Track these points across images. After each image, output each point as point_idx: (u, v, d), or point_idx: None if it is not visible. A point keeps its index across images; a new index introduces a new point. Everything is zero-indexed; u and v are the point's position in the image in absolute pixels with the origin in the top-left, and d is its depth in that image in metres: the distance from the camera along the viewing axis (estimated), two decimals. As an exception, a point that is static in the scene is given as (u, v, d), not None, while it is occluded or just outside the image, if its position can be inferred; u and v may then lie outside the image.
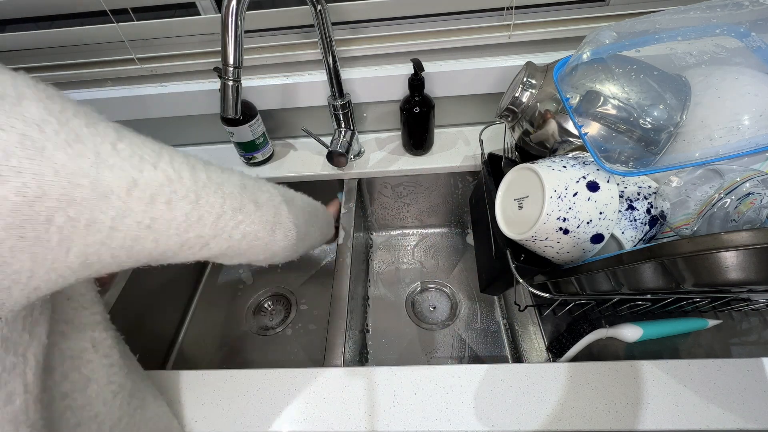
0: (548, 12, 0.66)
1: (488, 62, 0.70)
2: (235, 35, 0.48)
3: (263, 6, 0.65)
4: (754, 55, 0.41)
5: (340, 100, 0.69)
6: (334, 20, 0.65)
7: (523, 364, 0.48)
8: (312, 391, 0.48)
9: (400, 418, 0.45)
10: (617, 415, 0.43)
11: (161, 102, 0.76)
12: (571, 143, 0.50)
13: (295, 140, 0.84)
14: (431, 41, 0.68)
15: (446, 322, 0.76)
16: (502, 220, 0.48)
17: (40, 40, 0.69)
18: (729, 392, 0.44)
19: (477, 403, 0.45)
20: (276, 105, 0.76)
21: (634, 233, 0.43)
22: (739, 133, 0.38)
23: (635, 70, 0.44)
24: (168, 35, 0.70)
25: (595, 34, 0.46)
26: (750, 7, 0.42)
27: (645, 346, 0.51)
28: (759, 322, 0.53)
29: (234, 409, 0.47)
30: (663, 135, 0.42)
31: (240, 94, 0.52)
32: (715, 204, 0.37)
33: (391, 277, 0.84)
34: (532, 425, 0.43)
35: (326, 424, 0.45)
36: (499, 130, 0.70)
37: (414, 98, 0.68)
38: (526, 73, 0.54)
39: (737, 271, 0.30)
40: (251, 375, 0.50)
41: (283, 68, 0.73)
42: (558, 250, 0.43)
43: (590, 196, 0.40)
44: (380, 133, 0.83)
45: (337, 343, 0.54)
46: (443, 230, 0.90)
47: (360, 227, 0.80)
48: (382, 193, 0.82)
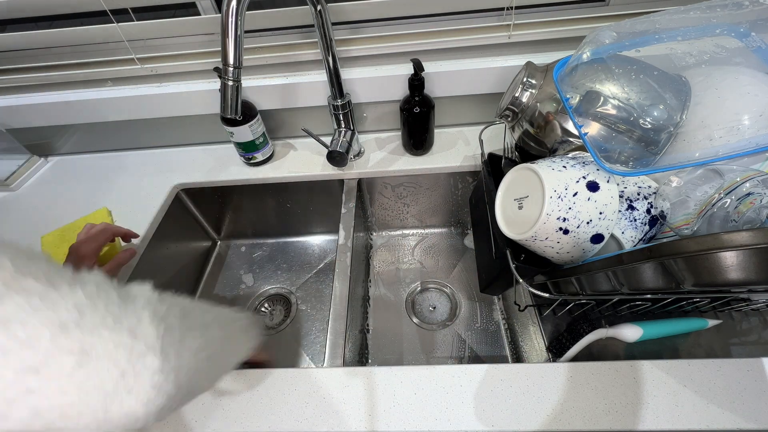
0: (548, 12, 0.66)
1: (488, 62, 0.70)
2: (235, 35, 0.48)
3: (263, 6, 0.65)
4: (754, 55, 0.41)
5: (340, 100, 0.69)
6: (334, 20, 0.65)
7: (523, 364, 0.48)
8: (312, 391, 0.48)
9: (400, 418, 0.45)
10: (617, 415, 0.43)
11: (161, 102, 0.76)
12: (571, 143, 0.50)
13: (295, 140, 0.84)
14: (431, 41, 0.68)
15: (446, 322, 0.76)
16: (502, 220, 0.48)
17: (40, 40, 0.69)
18: (729, 392, 0.44)
19: (477, 403, 0.45)
20: (276, 105, 0.76)
21: (634, 233, 0.43)
22: (739, 133, 0.38)
23: (635, 70, 0.44)
24: (168, 35, 0.70)
25: (595, 34, 0.46)
26: (750, 7, 0.42)
27: (645, 346, 0.51)
28: (759, 322, 0.52)
29: (234, 409, 0.47)
30: (663, 135, 0.42)
31: (240, 94, 0.52)
32: (715, 204, 0.37)
33: (391, 277, 0.84)
34: (532, 425, 0.43)
35: (326, 424, 0.45)
36: (499, 130, 0.70)
37: (414, 98, 0.68)
38: (526, 73, 0.54)
39: (737, 271, 0.30)
40: (251, 375, 0.50)
41: (283, 68, 0.73)
42: (558, 250, 0.43)
43: (590, 196, 0.40)
44: (380, 133, 0.83)
45: (337, 343, 0.54)
46: (443, 230, 0.90)
47: (360, 227, 0.80)
48: (382, 193, 0.82)
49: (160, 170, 0.81)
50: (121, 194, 0.77)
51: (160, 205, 0.74)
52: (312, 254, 0.90)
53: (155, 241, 0.72)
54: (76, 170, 0.85)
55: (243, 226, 0.91)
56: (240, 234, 0.94)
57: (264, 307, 0.82)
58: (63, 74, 0.74)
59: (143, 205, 0.74)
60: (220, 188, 0.81)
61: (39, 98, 0.77)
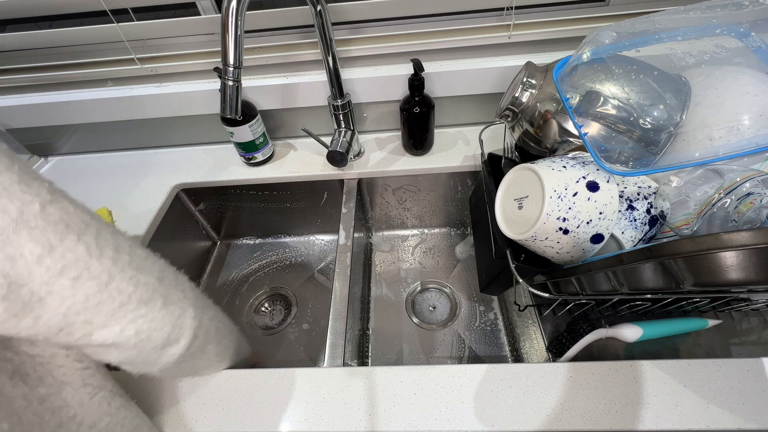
0: (548, 12, 0.66)
1: (488, 62, 0.70)
2: (235, 35, 0.48)
3: (263, 6, 0.65)
4: (754, 55, 0.41)
5: (340, 100, 0.69)
6: (334, 20, 0.65)
7: (523, 364, 0.48)
8: (312, 391, 0.48)
9: (400, 418, 0.45)
10: (617, 415, 0.43)
11: (161, 102, 0.76)
12: (571, 143, 0.50)
13: (295, 140, 0.84)
14: (431, 41, 0.68)
15: (446, 322, 0.76)
16: (502, 220, 0.48)
17: (40, 40, 0.69)
18: (729, 392, 0.44)
19: (477, 403, 0.45)
20: (276, 105, 0.76)
21: (633, 233, 0.43)
22: (739, 133, 0.38)
23: (635, 70, 0.44)
24: (168, 35, 0.70)
25: (595, 34, 0.46)
26: (750, 7, 0.42)
27: (645, 346, 0.51)
28: (759, 322, 0.53)
29: (234, 409, 0.47)
30: (663, 135, 0.42)
31: (240, 94, 0.52)
32: (715, 204, 0.37)
33: (391, 277, 0.84)
34: (532, 425, 0.43)
35: (326, 424, 0.45)
36: (499, 130, 0.70)
37: (414, 98, 0.68)
38: (526, 73, 0.54)
39: (737, 271, 0.30)
40: (251, 375, 0.50)
41: (283, 68, 0.73)
42: (558, 250, 0.43)
43: (590, 196, 0.40)
44: (380, 133, 0.83)
45: (337, 343, 0.54)
46: (443, 230, 0.90)
47: (360, 227, 0.80)
48: (382, 194, 0.82)
49: (160, 170, 0.81)
50: (121, 194, 0.77)
51: (160, 205, 0.74)
52: (312, 254, 0.90)
53: (155, 241, 0.72)
54: (76, 170, 0.85)
55: (243, 226, 0.91)
56: (240, 234, 0.94)
57: (264, 307, 0.82)
58: (63, 74, 0.74)
59: (143, 205, 0.74)
60: (220, 188, 0.81)
61: (39, 98, 0.77)
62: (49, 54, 0.73)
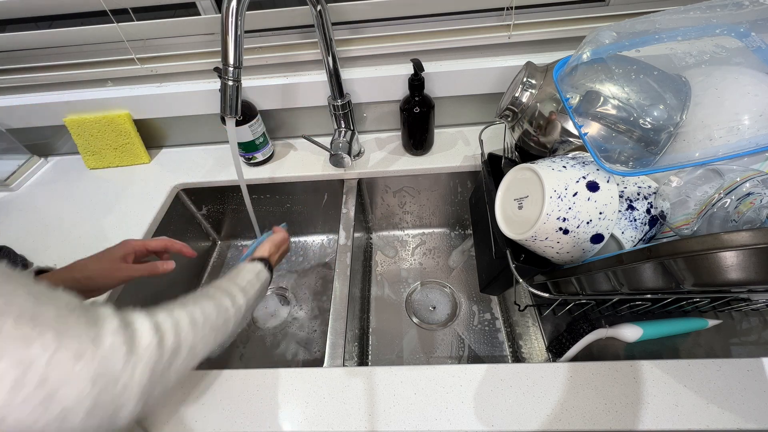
0: (548, 12, 0.66)
1: (488, 62, 0.70)
2: (235, 35, 0.48)
3: (263, 6, 0.65)
4: (754, 55, 0.41)
5: (340, 100, 0.69)
6: (334, 20, 0.65)
7: (523, 364, 0.48)
8: (312, 391, 0.48)
9: (400, 418, 0.45)
10: (617, 415, 0.43)
11: (161, 102, 0.76)
12: (571, 143, 0.50)
13: (295, 140, 0.84)
14: (431, 41, 0.68)
15: (446, 322, 0.76)
16: (502, 220, 0.48)
17: (40, 40, 0.69)
18: (729, 392, 0.44)
19: (477, 403, 0.45)
20: (276, 105, 0.76)
21: (634, 233, 0.43)
22: (739, 133, 0.38)
23: (635, 70, 0.44)
24: (168, 35, 0.70)
25: (595, 34, 0.46)
26: (750, 7, 0.42)
27: (645, 346, 0.51)
28: (759, 322, 0.53)
29: (234, 409, 0.47)
30: (663, 135, 0.42)
31: (240, 94, 0.52)
32: (715, 204, 0.37)
33: (391, 277, 0.84)
34: (532, 425, 0.43)
35: (326, 424, 0.45)
36: (499, 130, 0.70)
37: (414, 98, 0.68)
38: (526, 73, 0.54)
39: (737, 271, 0.30)
40: (251, 375, 0.50)
41: (283, 68, 0.73)
42: (558, 250, 0.43)
43: (590, 196, 0.40)
44: (380, 133, 0.83)
45: (337, 343, 0.54)
46: (443, 230, 0.90)
47: (360, 227, 0.80)
48: (383, 194, 0.82)
49: (160, 170, 0.81)
50: (121, 194, 0.77)
51: (160, 205, 0.74)
52: (312, 254, 0.90)
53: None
54: (76, 170, 0.85)
55: (243, 226, 0.91)
56: (240, 234, 0.94)
57: (264, 307, 0.82)
58: (63, 74, 0.74)
59: (143, 205, 0.74)
60: (220, 188, 0.81)
61: (39, 98, 0.77)
62: (49, 54, 0.73)
